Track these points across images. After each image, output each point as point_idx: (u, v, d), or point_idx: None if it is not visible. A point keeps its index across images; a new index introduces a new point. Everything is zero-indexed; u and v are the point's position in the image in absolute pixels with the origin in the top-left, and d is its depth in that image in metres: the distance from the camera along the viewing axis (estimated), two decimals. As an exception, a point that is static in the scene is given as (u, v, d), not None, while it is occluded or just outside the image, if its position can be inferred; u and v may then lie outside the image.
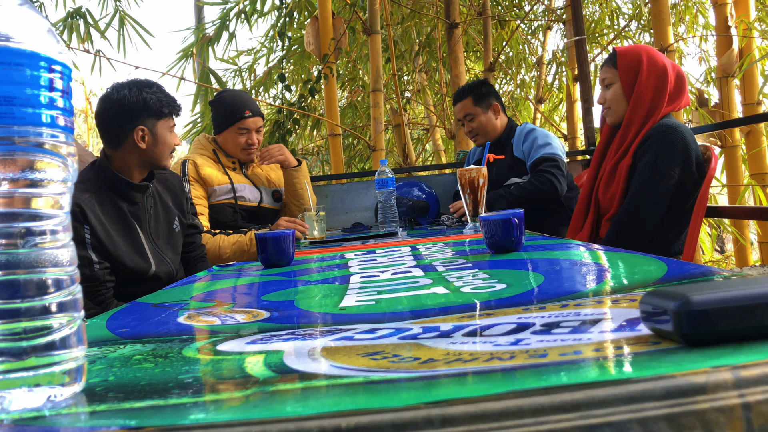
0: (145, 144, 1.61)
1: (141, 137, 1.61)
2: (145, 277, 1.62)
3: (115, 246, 1.54)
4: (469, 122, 2.41)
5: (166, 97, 1.66)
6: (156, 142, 1.63)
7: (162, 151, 1.65)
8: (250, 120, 2.22)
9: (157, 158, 1.65)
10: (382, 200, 2.14)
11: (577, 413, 0.31)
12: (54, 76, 0.41)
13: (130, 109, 1.60)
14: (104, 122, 1.62)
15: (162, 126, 1.64)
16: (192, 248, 1.89)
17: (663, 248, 1.76)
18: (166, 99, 1.65)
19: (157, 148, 1.64)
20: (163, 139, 1.64)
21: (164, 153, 1.66)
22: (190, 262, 1.88)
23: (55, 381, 0.39)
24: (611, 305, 0.56)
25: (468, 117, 2.40)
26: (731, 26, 3.66)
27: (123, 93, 1.61)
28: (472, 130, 2.42)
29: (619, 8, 5.32)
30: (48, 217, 0.40)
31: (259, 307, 0.77)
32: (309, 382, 0.40)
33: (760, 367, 0.33)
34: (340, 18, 3.64)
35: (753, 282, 0.39)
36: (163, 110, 1.64)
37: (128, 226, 1.61)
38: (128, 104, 1.59)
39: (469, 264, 0.99)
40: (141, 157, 1.63)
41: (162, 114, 1.64)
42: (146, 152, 1.63)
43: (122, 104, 1.59)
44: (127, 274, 1.58)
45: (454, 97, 2.47)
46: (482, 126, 2.39)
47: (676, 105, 1.79)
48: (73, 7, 3.88)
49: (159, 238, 1.70)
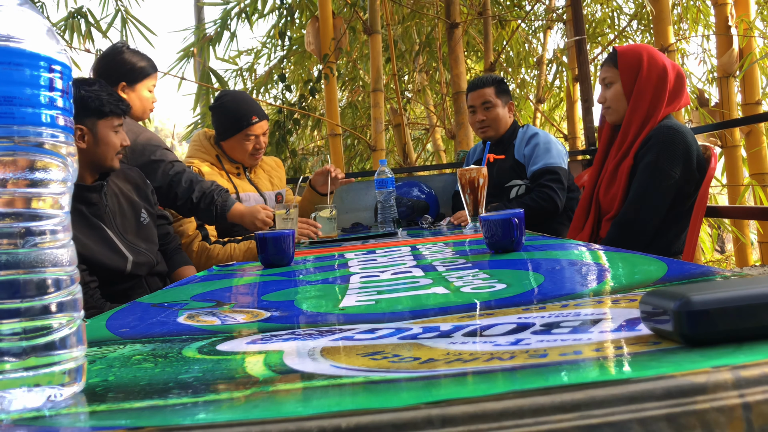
0: (86, 144, 1.56)
1: (80, 137, 1.56)
2: (126, 272, 1.62)
3: (84, 247, 1.53)
4: (484, 110, 2.36)
5: (108, 96, 1.60)
6: (97, 142, 1.58)
7: (104, 151, 1.59)
8: (257, 125, 2.18)
9: (100, 159, 1.60)
10: (382, 200, 2.14)
11: (577, 413, 0.31)
12: (54, 75, 0.41)
13: None
14: None
15: (103, 125, 1.59)
16: (167, 240, 1.88)
17: (663, 248, 1.76)
18: (108, 98, 1.59)
19: (99, 149, 1.58)
20: (105, 139, 1.59)
21: (107, 153, 1.60)
22: (167, 253, 1.87)
23: (55, 381, 0.39)
24: (611, 305, 0.56)
25: (486, 105, 2.35)
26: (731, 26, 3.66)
27: None
28: (485, 120, 2.37)
29: (620, 8, 5.32)
30: (48, 217, 0.40)
31: (259, 307, 0.77)
32: (309, 382, 0.40)
33: (760, 367, 0.33)
34: (341, 18, 3.64)
35: (753, 282, 0.39)
36: (103, 109, 1.58)
37: (93, 226, 1.60)
38: None
39: (469, 264, 0.99)
40: (84, 159, 1.57)
41: (102, 113, 1.58)
42: (88, 153, 1.57)
43: None
44: (107, 272, 1.58)
45: (474, 84, 2.41)
46: (497, 119, 2.36)
47: (676, 104, 1.79)
48: (74, 7, 3.88)
49: (128, 233, 1.68)
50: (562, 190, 2.19)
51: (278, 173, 2.40)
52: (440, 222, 2.38)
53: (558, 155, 2.24)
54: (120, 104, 1.61)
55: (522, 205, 2.15)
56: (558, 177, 2.19)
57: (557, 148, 2.26)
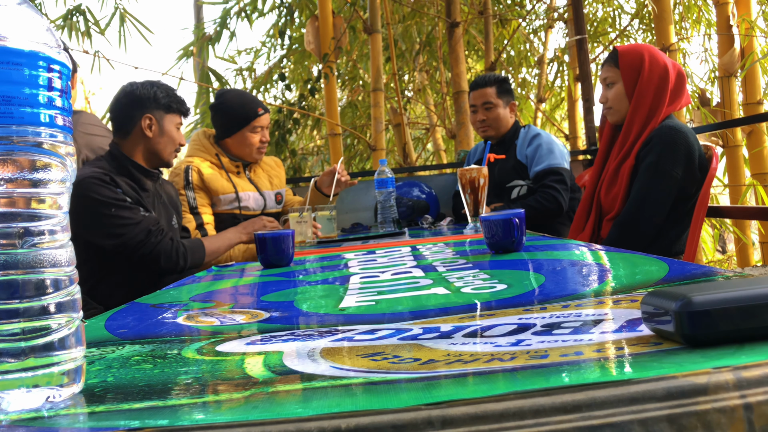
0: (152, 133, 1.71)
1: (148, 125, 1.71)
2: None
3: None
4: (485, 111, 2.36)
5: (174, 96, 1.77)
6: (162, 133, 1.73)
7: (166, 143, 1.74)
8: (264, 117, 2.18)
9: (161, 150, 1.74)
10: (382, 200, 2.14)
11: (578, 414, 0.31)
12: (53, 75, 0.41)
13: (140, 99, 1.72)
14: (116, 110, 1.74)
15: (169, 120, 1.75)
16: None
17: (664, 248, 1.75)
18: (174, 97, 1.77)
19: (162, 139, 1.73)
20: (169, 133, 1.74)
21: (168, 146, 1.75)
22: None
23: (54, 382, 0.39)
24: (612, 306, 0.55)
25: (486, 105, 2.35)
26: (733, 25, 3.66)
27: (136, 86, 1.75)
28: (486, 120, 2.36)
29: (621, 7, 5.32)
30: (47, 217, 0.40)
31: (258, 307, 0.77)
32: (309, 383, 0.40)
33: (761, 367, 0.33)
34: (341, 17, 3.64)
35: (754, 282, 0.39)
36: (171, 105, 1.74)
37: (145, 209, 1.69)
38: (139, 95, 1.72)
39: (470, 264, 0.98)
40: (147, 147, 1.72)
41: (170, 108, 1.74)
42: (152, 142, 1.72)
43: (134, 94, 1.72)
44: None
45: (476, 83, 2.40)
46: (497, 119, 2.35)
47: (677, 104, 1.79)
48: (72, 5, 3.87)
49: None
50: (565, 190, 2.19)
51: (278, 173, 2.39)
52: (440, 222, 2.38)
53: (560, 156, 2.24)
54: (183, 105, 1.79)
55: (526, 206, 2.15)
56: (561, 178, 2.19)
57: (559, 149, 2.26)
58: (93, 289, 1.65)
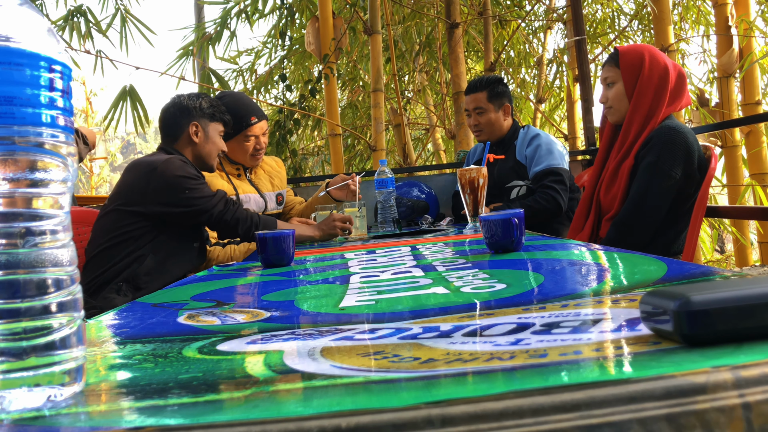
0: (198, 139, 1.85)
1: (195, 132, 1.85)
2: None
3: None
4: (477, 116, 2.36)
5: (218, 106, 1.92)
6: (207, 140, 1.87)
7: (211, 149, 1.88)
8: (257, 126, 2.17)
9: (207, 155, 1.87)
10: (382, 200, 2.14)
11: (577, 413, 0.31)
12: (54, 75, 0.41)
13: (187, 108, 1.87)
14: (166, 119, 1.88)
15: (213, 128, 1.89)
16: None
17: (663, 248, 1.76)
18: (217, 107, 1.92)
19: (207, 145, 1.87)
20: (213, 139, 1.88)
21: (213, 152, 1.89)
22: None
23: (55, 381, 0.39)
24: (611, 305, 0.56)
25: (477, 110, 2.35)
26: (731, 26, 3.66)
27: (182, 97, 1.91)
28: (479, 125, 2.37)
29: (620, 8, 5.32)
30: (48, 217, 0.40)
31: (259, 307, 0.77)
32: (309, 382, 0.40)
33: (760, 367, 0.33)
34: (341, 18, 3.64)
35: (753, 282, 0.39)
36: (214, 114, 1.89)
37: None
38: (186, 105, 1.87)
39: (469, 264, 0.99)
40: (194, 153, 1.86)
41: (214, 117, 1.89)
42: (199, 147, 1.86)
43: (181, 104, 1.88)
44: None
45: (468, 87, 2.41)
46: (490, 123, 2.36)
47: (677, 104, 1.79)
48: (73, 6, 3.87)
49: None
50: (564, 191, 2.19)
51: (279, 174, 2.39)
52: (440, 222, 2.38)
53: (560, 156, 2.24)
54: (225, 115, 1.93)
55: (525, 206, 2.15)
56: (561, 178, 2.19)
57: (558, 150, 2.27)
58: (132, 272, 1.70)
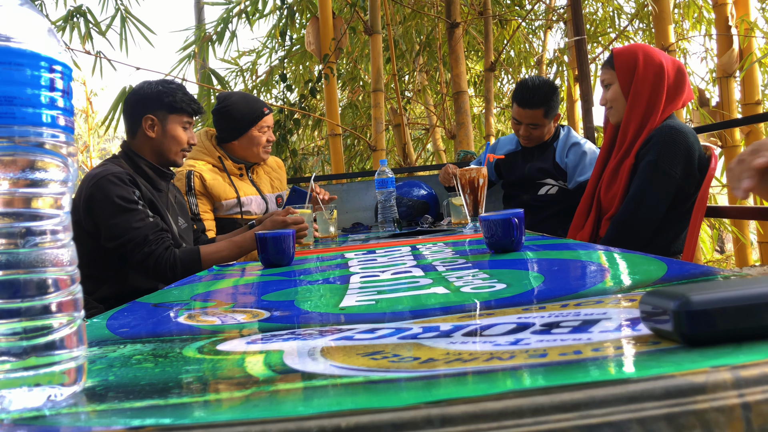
0: (154, 134, 1.68)
1: (150, 126, 1.68)
2: None
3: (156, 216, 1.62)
4: (530, 128, 2.30)
5: (183, 95, 1.73)
6: (165, 134, 1.70)
7: (170, 144, 1.71)
8: (269, 116, 2.19)
9: (166, 151, 1.71)
10: (382, 200, 2.14)
11: (576, 413, 0.31)
12: (54, 76, 0.41)
13: (144, 99, 1.70)
14: (125, 110, 1.74)
15: (173, 120, 1.71)
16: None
17: (663, 248, 1.76)
18: (182, 96, 1.72)
19: (165, 140, 1.70)
20: (173, 132, 1.70)
21: (173, 147, 1.71)
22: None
23: (55, 381, 0.39)
24: (611, 305, 0.56)
25: (532, 126, 2.30)
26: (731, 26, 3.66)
27: (143, 85, 1.73)
28: (530, 135, 2.32)
29: (620, 7, 5.32)
30: (48, 217, 0.40)
31: (259, 306, 0.77)
32: (309, 382, 0.40)
33: (759, 367, 0.33)
34: (341, 18, 3.64)
35: (753, 282, 0.39)
36: (175, 105, 1.70)
37: (157, 210, 1.67)
38: (144, 94, 1.70)
39: (469, 264, 0.99)
40: (152, 148, 1.70)
41: (174, 108, 1.70)
42: (156, 143, 1.69)
43: (139, 94, 1.71)
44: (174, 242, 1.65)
45: (525, 100, 2.25)
46: (540, 136, 2.34)
47: (678, 100, 1.78)
48: (73, 6, 3.87)
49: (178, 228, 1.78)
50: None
51: (279, 175, 2.39)
52: (440, 222, 2.38)
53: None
54: (192, 104, 1.74)
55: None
56: None
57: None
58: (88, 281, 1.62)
